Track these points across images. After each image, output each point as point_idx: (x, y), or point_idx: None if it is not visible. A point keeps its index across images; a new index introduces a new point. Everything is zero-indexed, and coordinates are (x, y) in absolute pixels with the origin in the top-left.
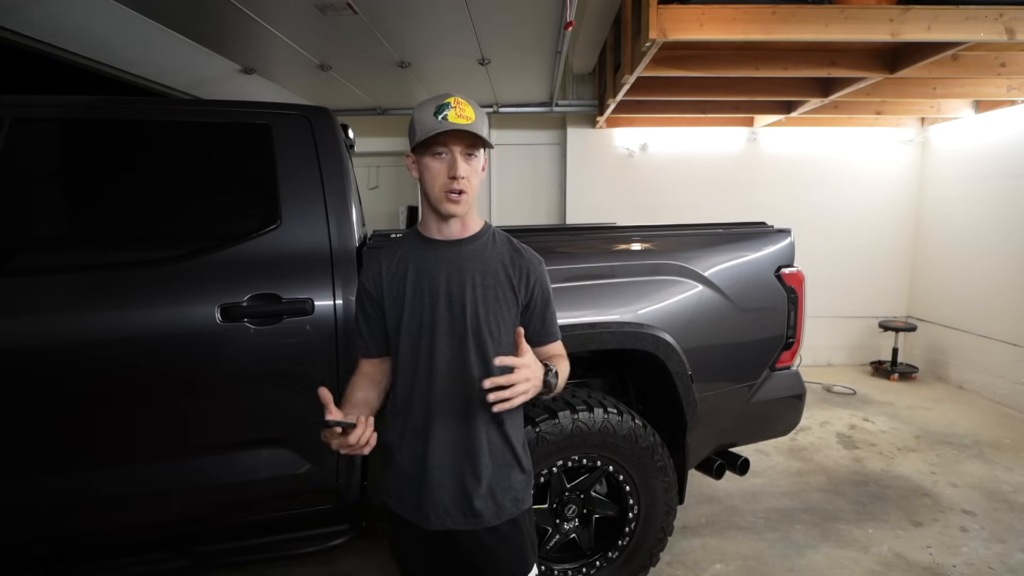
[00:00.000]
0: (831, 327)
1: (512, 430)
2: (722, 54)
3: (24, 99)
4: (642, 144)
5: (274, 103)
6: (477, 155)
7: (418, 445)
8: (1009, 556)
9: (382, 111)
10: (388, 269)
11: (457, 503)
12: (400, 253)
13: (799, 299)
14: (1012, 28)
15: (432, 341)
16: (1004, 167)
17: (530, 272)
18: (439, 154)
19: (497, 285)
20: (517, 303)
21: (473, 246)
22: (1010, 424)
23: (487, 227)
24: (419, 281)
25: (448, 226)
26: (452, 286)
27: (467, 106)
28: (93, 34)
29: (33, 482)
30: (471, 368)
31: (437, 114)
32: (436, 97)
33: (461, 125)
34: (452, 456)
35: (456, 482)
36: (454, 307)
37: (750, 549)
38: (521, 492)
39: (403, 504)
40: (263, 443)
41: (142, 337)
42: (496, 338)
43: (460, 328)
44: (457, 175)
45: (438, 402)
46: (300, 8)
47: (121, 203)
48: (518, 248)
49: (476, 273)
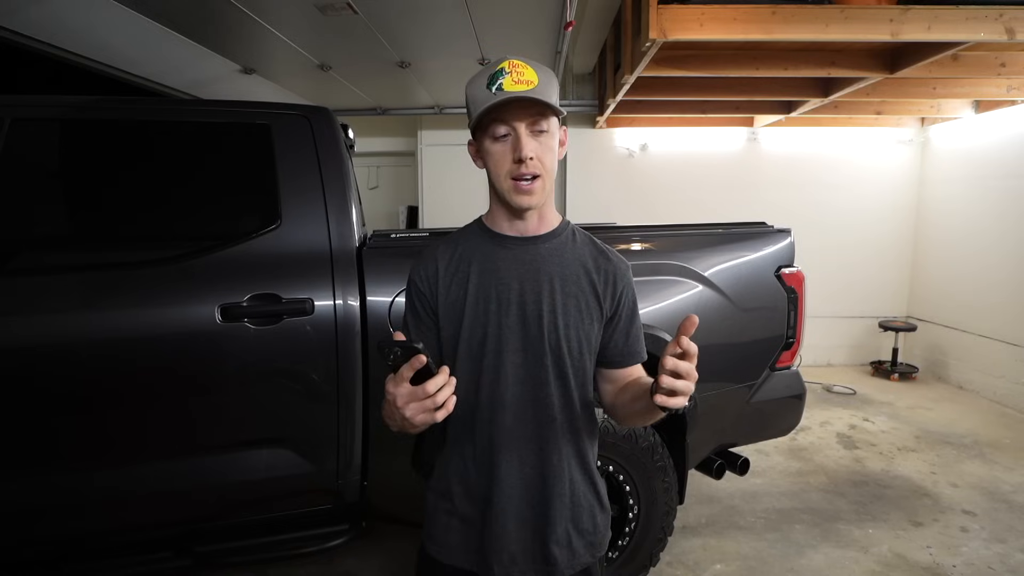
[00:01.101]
0: (831, 327)
1: (592, 462)
2: (722, 54)
3: (24, 99)
4: (642, 144)
5: (274, 103)
6: (548, 129)
7: (481, 482)
8: (1009, 556)
9: (382, 111)
10: (446, 267)
11: (528, 550)
12: (461, 249)
13: (799, 299)
14: (1012, 28)
15: (499, 358)
16: (1004, 167)
17: (617, 278)
18: (501, 135)
19: (580, 293)
20: (601, 315)
21: (551, 244)
22: (1010, 424)
23: (566, 223)
24: (484, 285)
25: (523, 221)
26: (526, 293)
27: (527, 68)
28: (93, 34)
29: (30, 482)
30: (549, 392)
31: (490, 84)
32: (489, 65)
33: (521, 92)
34: (524, 496)
35: (528, 526)
36: (528, 318)
37: (750, 549)
38: (601, 535)
39: (455, 552)
40: (263, 443)
41: (142, 337)
42: (576, 356)
43: (536, 344)
44: (524, 156)
45: (506, 431)
46: (300, 8)
47: (121, 203)
48: (603, 249)
49: (555, 278)
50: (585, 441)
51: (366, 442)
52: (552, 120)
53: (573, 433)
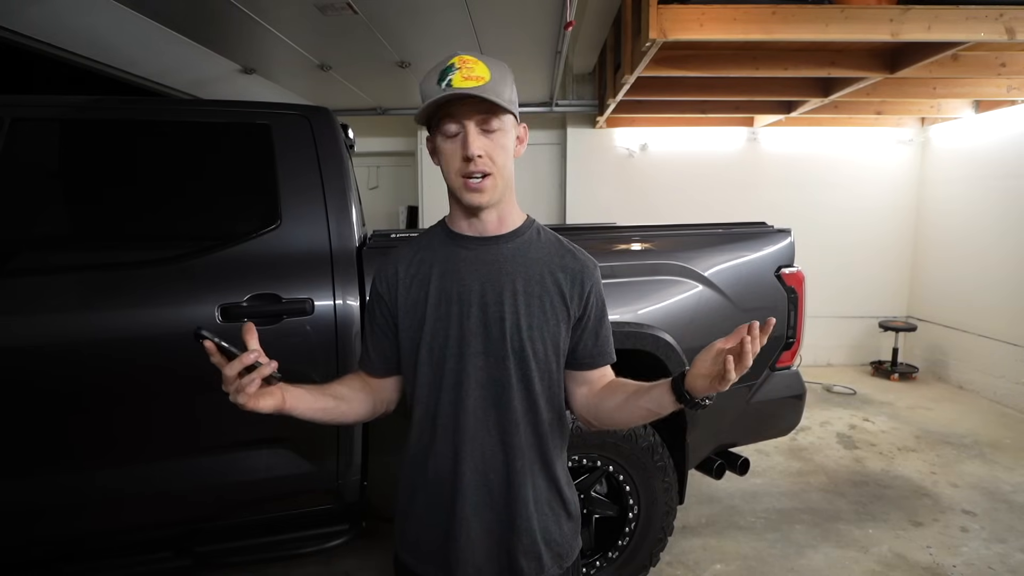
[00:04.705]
0: (831, 327)
1: (560, 469)
2: (722, 54)
3: (24, 99)
4: (642, 144)
5: (274, 103)
6: (501, 127)
7: (443, 489)
8: (1009, 556)
9: (382, 111)
10: (406, 269)
11: (494, 560)
12: (422, 252)
13: (799, 299)
14: (1012, 28)
15: (461, 362)
16: (1004, 167)
17: (584, 278)
18: (452, 133)
19: (544, 294)
20: (568, 316)
21: (513, 244)
22: (1010, 424)
23: (530, 222)
24: (445, 286)
25: (480, 220)
26: (488, 294)
27: (477, 64)
28: (93, 34)
29: (30, 482)
30: (512, 396)
31: (441, 80)
32: (441, 61)
33: (468, 89)
34: (487, 503)
35: (492, 535)
36: (490, 320)
37: (750, 549)
38: (568, 543)
39: (422, 560)
40: (263, 443)
41: (142, 337)
42: (540, 359)
43: (498, 347)
44: (471, 154)
45: (468, 437)
46: (300, 8)
47: (121, 203)
48: (569, 248)
49: (518, 279)
50: (551, 447)
51: (366, 442)
52: (505, 118)
53: (538, 438)
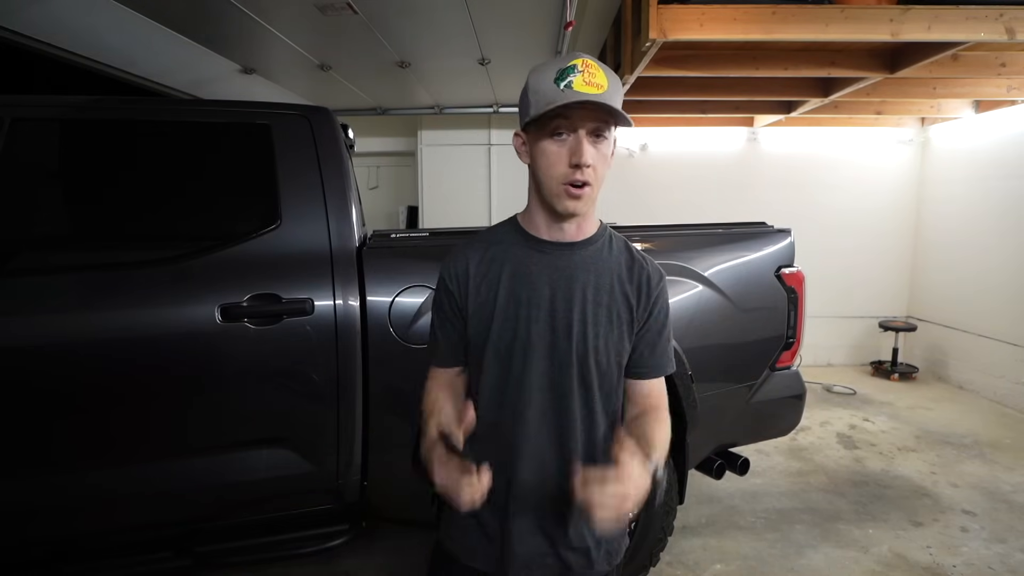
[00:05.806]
0: (831, 327)
1: None
2: (722, 54)
3: (24, 99)
4: (642, 144)
5: (274, 103)
6: (607, 136)
7: (500, 487)
8: (1009, 556)
9: (382, 111)
10: (476, 267)
11: (542, 555)
12: (493, 250)
13: (799, 299)
14: (1012, 28)
15: (525, 363)
16: (1004, 167)
17: (651, 288)
18: (559, 134)
19: (612, 303)
20: (632, 326)
21: (587, 252)
22: (1010, 424)
23: (603, 229)
24: (516, 289)
25: (561, 227)
26: (558, 300)
27: (599, 71)
28: (93, 34)
29: (30, 482)
30: (571, 401)
31: (559, 80)
32: (558, 59)
33: (591, 96)
34: (540, 500)
35: (543, 532)
36: (558, 326)
37: (750, 549)
38: (616, 544)
39: (472, 553)
40: (263, 443)
41: (141, 337)
42: (603, 368)
43: (563, 352)
44: (582, 162)
45: (526, 435)
46: (300, 8)
47: (121, 203)
48: (637, 257)
49: (588, 287)
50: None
51: (366, 442)
52: (612, 129)
53: (592, 446)
